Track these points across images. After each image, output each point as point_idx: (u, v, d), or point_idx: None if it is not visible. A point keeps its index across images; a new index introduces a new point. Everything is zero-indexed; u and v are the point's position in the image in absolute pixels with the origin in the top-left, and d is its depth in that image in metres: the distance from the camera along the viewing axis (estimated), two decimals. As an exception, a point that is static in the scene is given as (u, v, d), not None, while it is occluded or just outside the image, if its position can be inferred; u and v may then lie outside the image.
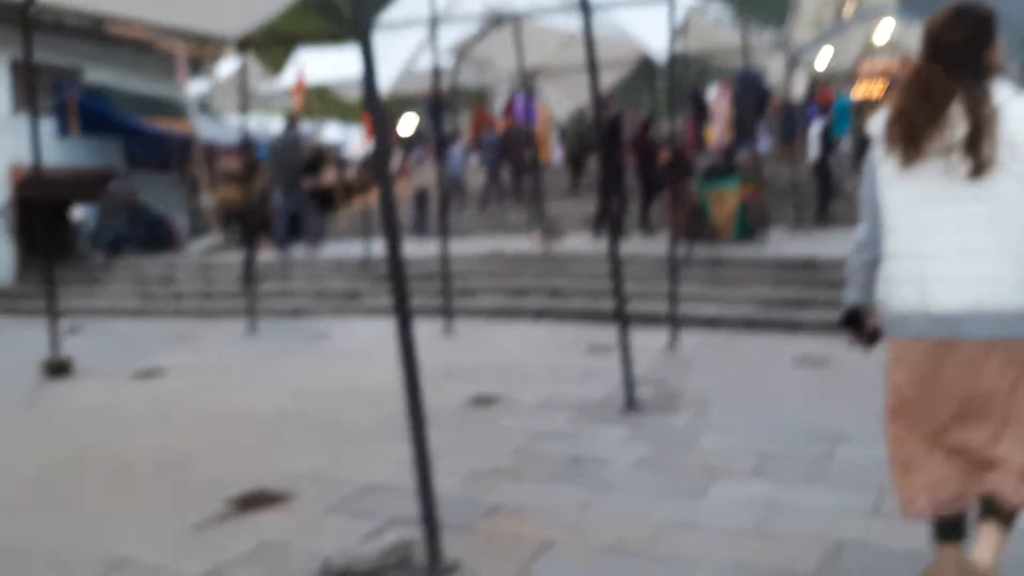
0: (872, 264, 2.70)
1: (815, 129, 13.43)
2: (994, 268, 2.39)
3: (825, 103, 19.25)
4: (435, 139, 20.40)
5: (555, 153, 20.38)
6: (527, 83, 16.60)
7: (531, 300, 9.78)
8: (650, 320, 8.65)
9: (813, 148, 13.36)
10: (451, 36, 10.68)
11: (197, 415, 6.02)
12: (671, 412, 5.55)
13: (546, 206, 16.92)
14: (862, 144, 13.08)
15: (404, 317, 3.40)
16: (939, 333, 2.46)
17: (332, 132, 22.10)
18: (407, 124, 20.75)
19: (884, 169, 2.54)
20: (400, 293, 3.39)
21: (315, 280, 11.39)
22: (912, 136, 2.43)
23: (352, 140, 22.43)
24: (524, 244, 11.88)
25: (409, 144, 21.00)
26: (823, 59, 35.63)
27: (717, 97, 18.02)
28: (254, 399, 6.36)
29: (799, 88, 17.54)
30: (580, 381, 6.56)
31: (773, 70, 12.70)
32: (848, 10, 42.67)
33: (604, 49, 10.77)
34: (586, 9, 5.52)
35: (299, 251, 13.08)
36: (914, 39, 33.06)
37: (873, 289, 2.74)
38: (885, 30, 35.48)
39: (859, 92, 22.85)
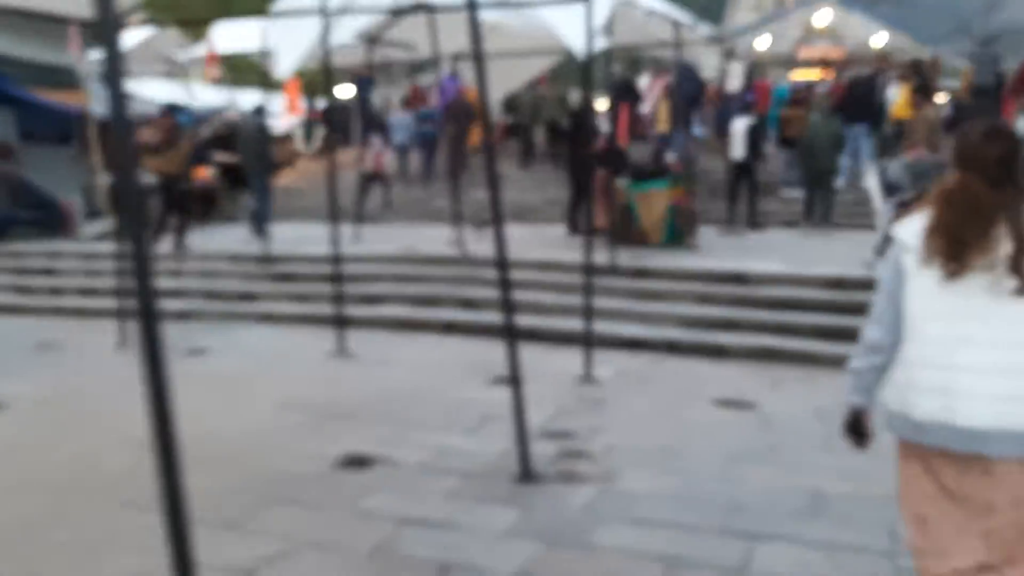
0: (881, 368, 2.63)
1: (740, 124, 12.64)
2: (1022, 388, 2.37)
3: (762, 93, 18.53)
4: (363, 116, 19.40)
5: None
6: (453, 66, 15.62)
7: (442, 311, 8.87)
8: (568, 340, 7.83)
9: (737, 146, 12.61)
10: (358, 23, 9.63)
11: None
12: (572, 483, 4.71)
13: (475, 193, 16.18)
14: (786, 139, 12.41)
15: (154, 362, 2.46)
16: (962, 446, 2.43)
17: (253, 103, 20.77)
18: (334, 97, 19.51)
19: (917, 278, 2.50)
20: (149, 331, 2.44)
21: (208, 278, 10.29)
22: (958, 251, 2.40)
23: (274, 112, 21.08)
24: (442, 242, 10.92)
25: (335, 120, 19.77)
26: (762, 43, 34.98)
27: (649, 86, 17.19)
28: (80, 453, 5.26)
29: (736, 79, 16.82)
30: (476, 429, 5.69)
31: (708, 64, 11.93)
32: (788, -4, 42.35)
33: (528, 39, 9.92)
34: (472, 7, 4.64)
35: (200, 240, 11.91)
36: (851, 27, 32.77)
37: (875, 392, 2.68)
38: (824, 17, 34.88)
39: (800, 75, 22.29)
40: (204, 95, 20.63)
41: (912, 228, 2.54)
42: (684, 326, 8.05)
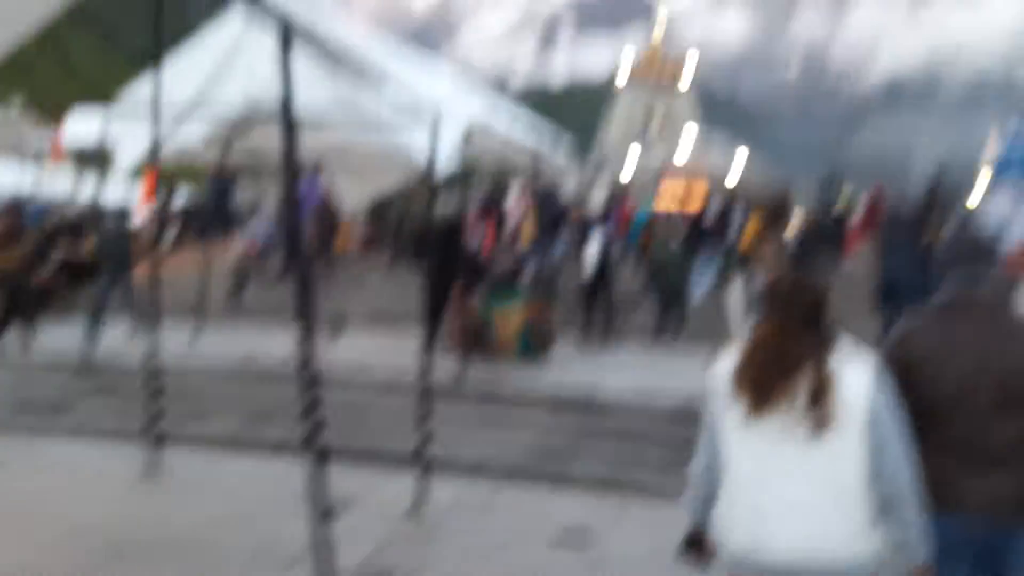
0: (705, 499, 2.71)
1: (593, 246, 12.76)
2: (826, 524, 2.47)
3: (624, 216, 18.95)
4: (219, 217, 18.70)
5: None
6: (316, 167, 15.27)
7: (276, 428, 8.20)
8: (406, 464, 7.30)
9: (589, 263, 12.69)
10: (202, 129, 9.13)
11: None
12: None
13: (336, 296, 15.65)
14: (650, 261, 12.59)
15: None
16: None
17: (112, 193, 19.81)
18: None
19: (727, 416, 2.61)
20: None
21: (22, 385, 9.31)
22: (763, 388, 2.52)
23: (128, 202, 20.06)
24: (289, 350, 10.25)
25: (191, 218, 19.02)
26: (627, 171, 36.45)
27: (515, 200, 17.34)
28: None
29: (598, 199, 17.20)
30: (285, 570, 5.07)
31: (570, 183, 12.07)
32: (654, 128, 44.67)
33: (386, 157, 9.69)
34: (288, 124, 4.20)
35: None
36: (713, 159, 34.41)
37: (709, 517, 2.72)
38: (686, 150, 36.66)
39: (661, 204, 23.12)
40: (54, 183, 19.56)
41: (722, 369, 2.66)
42: (529, 450, 7.68)
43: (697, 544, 2.78)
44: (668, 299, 12.30)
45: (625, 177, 25.66)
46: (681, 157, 27.71)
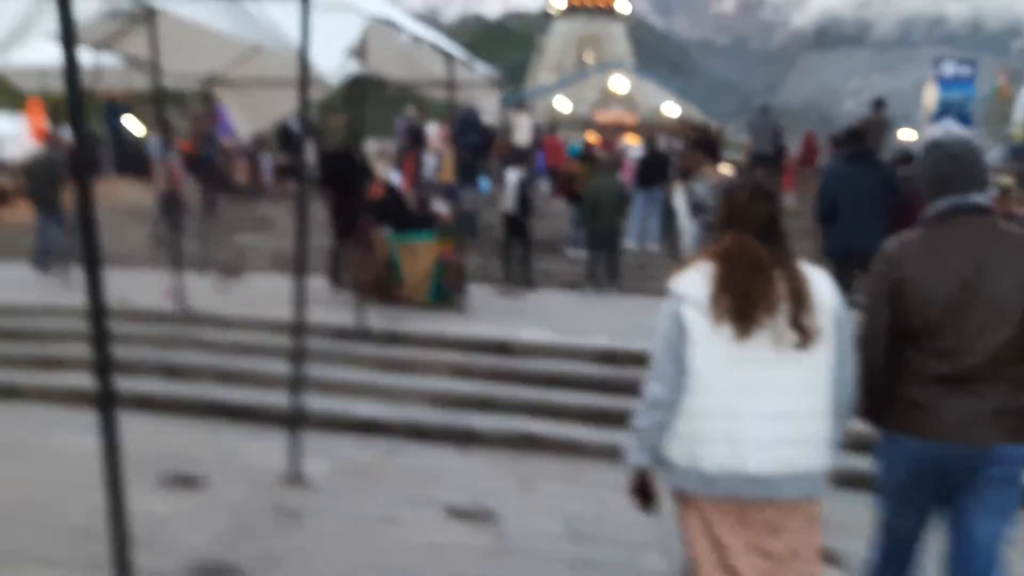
0: (665, 426, 2.55)
1: (512, 176, 11.80)
2: (807, 430, 2.47)
3: (552, 150, 17.99)
4: (114, 147, 17.16)
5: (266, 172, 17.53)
6: (206, 92, 13.87)
7: (137, 381, 7.12)
8: (288, 422, 6.35)
9: (509, 199, 11.73)
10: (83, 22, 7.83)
11: None
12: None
13: (242, 237, 14.42)
14: (585, 196, 11.65)
15: None
16: (752, 493, 2.47)
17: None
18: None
19: (702, 333, 2.48)
20: None
21: None
22: (747, 309, 2.45)
23: (16, 137, 18.37)
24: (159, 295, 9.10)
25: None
26: (561, 104, 35.29)
27: (438, 134, 16.19)
28: None
29: (523, 132, 16.13)
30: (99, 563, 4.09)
31: (488, 108, 11.02)
32: (589, 59, 43.33)
33: (288, 65, 8.49)
34: None
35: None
36: (645, 96, 33.44)
37: (659, 450, 2.59)
38: (621, 83, 35.59)
39: (591, 138, 22.09)
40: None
41: (692, 282, 2.53)
42: (433, 404, 6.77)
43: (644, 487, 2.66)
44: (601, 241, 11.37)
45: (557, 108, 24.52)
46: (617, 87, 26.59)
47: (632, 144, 20.58)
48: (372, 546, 4.38)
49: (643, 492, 2.66)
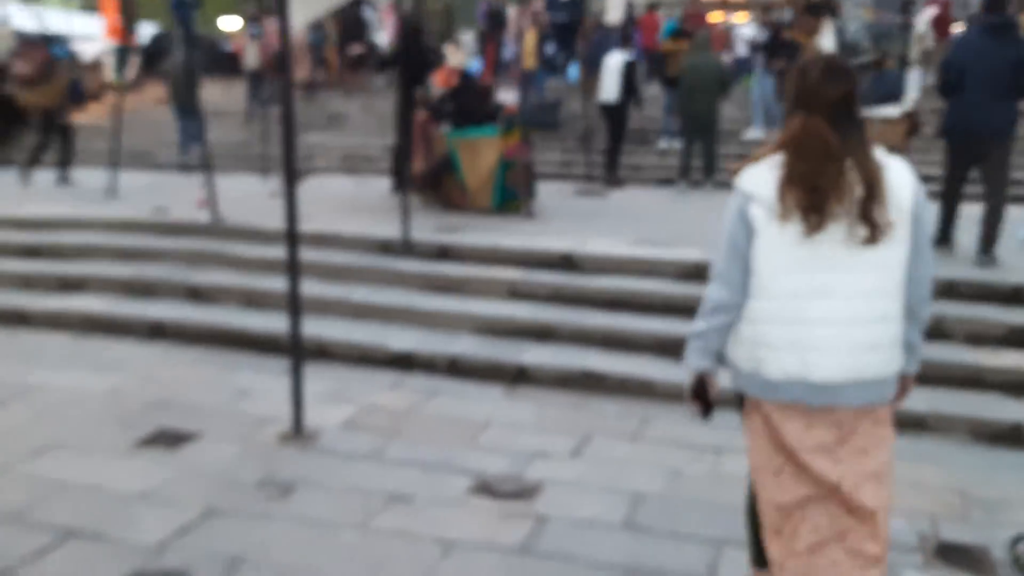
0: (727, 328, 2.39)
1: (614, 60, 10.34)
2: (876, 335, 2.27)
3: (648, 29, 16.06)
4: (185, 43, 16.30)
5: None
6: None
7: (154, 305, 6.30)
8: (318, 354, 5.44)
9: (611, 86, 10.29)
10: None
11: None
12: None
13: (308, 136, 13.49)
14: (679, 79, 10.12)
15: None
16: (817, 400, 2.30)
17: (53, 20, 17.46)
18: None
19: (770, 231, 2.26)
20: None
21: None
22: (818, 202, 2.19)
23: (82, 35, 17.71)
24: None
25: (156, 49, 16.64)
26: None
27: (518, 15, 14.62)
28: None
29: (616, 9, 14.36)
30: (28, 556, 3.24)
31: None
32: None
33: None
34: None
35: None
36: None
37: (721, 353, 2.45)
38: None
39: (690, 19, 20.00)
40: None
41: (759, 178, 2.29)
42: (482, 333, 5.71)
43: (703, 392, 2.46)
44: (696, 129, 9.87)
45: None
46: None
47: (741, 22, 18.50)
48: (359, 546, 3.40)
49: (702, 397, 2.47)
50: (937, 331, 5.23)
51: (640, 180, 10.95)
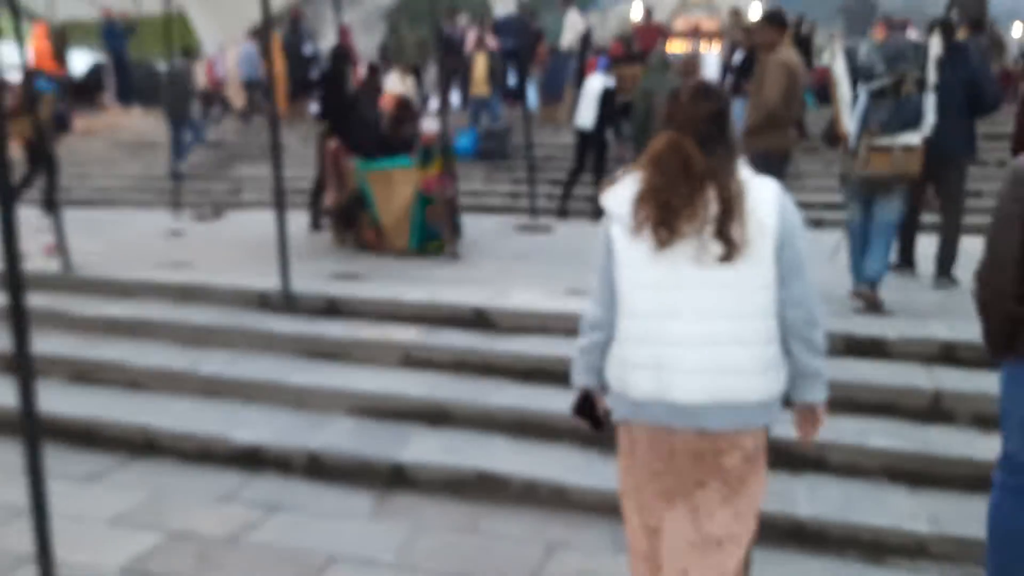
0: (603, 346, 2.32)
1: (595, 83, 9.17)
2: (735, 358, 2.15)
3: (647, 39, 14.62)
4: (116, 72, 15.08)
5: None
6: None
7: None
8: (144, 449, 4.13)
9: (587, 111, 9.12)
10: None
11: None
12: None
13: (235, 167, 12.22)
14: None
15: None
16: (679, 421, 2.18)
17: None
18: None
19: (626, 249, 2.20)
20: None
21: None
22: (667, 217, 2.13)
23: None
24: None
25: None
26: (636, 12, 31.80)
27: (470, 40, 13.40)
28: None
29: (571, 32, 13.18)
30: None
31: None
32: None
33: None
34: None
35: None
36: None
37: (602, 371, 2.35)
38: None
39: (673, 47, 18.95)
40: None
41: (619, 195, 2.24)
42: (360, 416, 4.40)
43: (588, 407, 2.41)
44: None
45: (633, 16, 21.63)
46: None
47: (707, 51, 17.43)
48: None
49: (587, 415, 2.42)
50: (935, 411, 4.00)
51: (596, 213, 9.70)
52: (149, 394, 4.66)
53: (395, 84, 11.98)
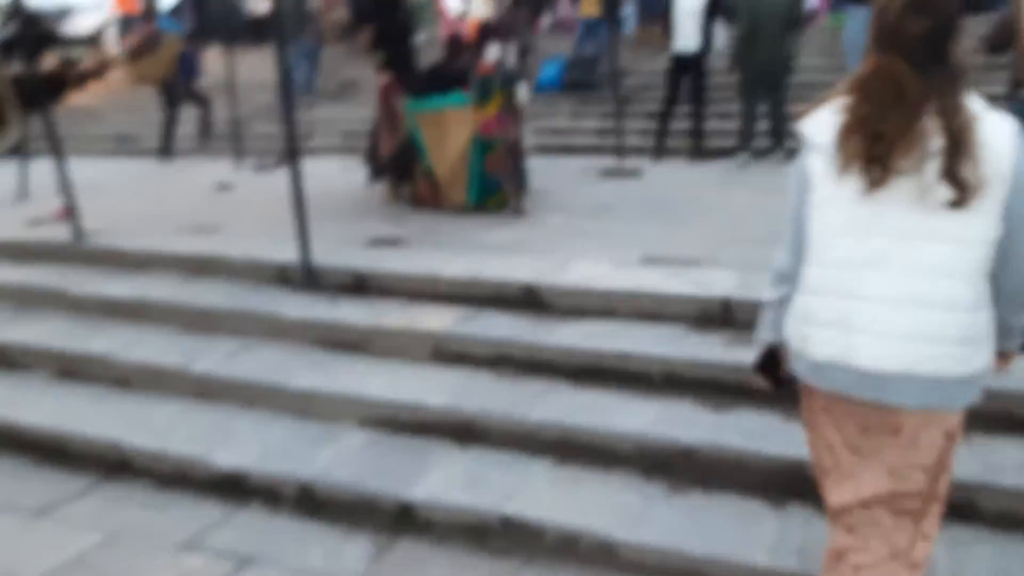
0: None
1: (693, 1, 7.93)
2: (940, 323, 1.80)
3: None
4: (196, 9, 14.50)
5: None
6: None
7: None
8: (116, 470, 3.43)
9: (689, 30, 7.89)
10: None
11: None
12: None
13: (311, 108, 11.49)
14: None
15: None
16: (862, 391, 1.87)
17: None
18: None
19: (826, 186, 1.87)
20: None
21: None
22: (879, 152, 1.78)
23: (78, 9, 15.95)
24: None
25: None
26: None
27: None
28: None
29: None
30: None
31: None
32: None
33: None
34: None
35: None
36: None
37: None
38: None
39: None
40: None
41: (821, 123, 1.90)
42: (373, 427, 3.55)
43: (773, 364, 2.12)
44: (760, 83, 7.39)
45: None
46: None
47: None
48: None
49: (769, 370, 2.12)
50: None
51: (696, 151, 8.46)
52: (135, 396, 3.94)
53: (479, 6, 10.94)
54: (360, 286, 4.46)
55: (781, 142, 7.59)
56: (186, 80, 10.37)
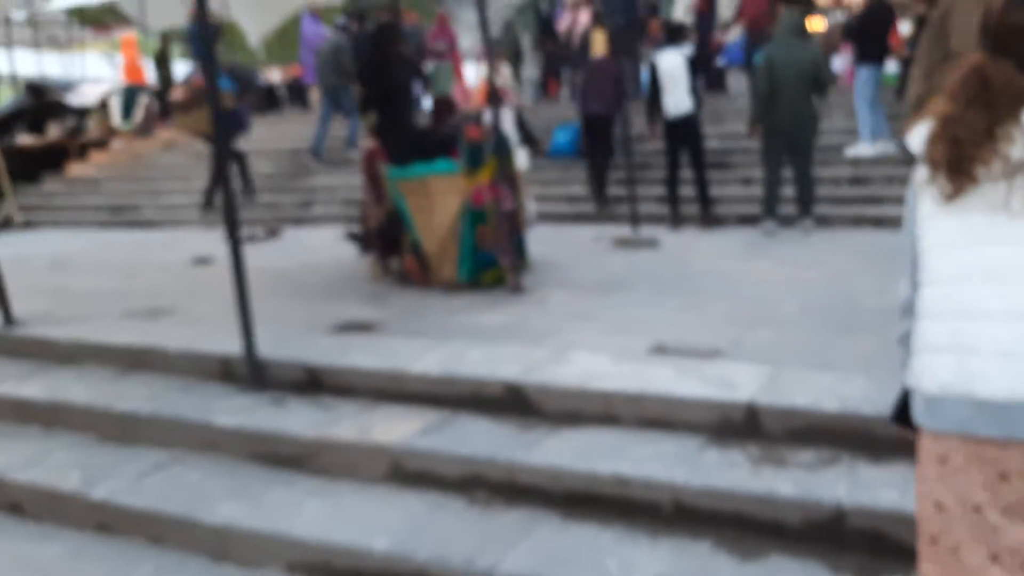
0: None
1: (669, 61, 7.30)
2: None
3: (755, 21, 12.25)
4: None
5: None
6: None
7: None
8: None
9: (679, 94, 7.25)
10: None
11: None
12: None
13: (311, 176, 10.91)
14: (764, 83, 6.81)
15: None
16: (988, 429, 1.50)
17: (51, 67, 15.72)
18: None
19: (926, 198, 1.66)
20: None
21: None
22: (958, 156, 1.58)
23: (86, 80, 15.72)
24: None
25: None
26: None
27: (570, 20, 11.53)
28: None
29: (682, 5, 11.07)
30: None
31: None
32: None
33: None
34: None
35: None
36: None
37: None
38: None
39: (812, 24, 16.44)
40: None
41: (919, 132, 1.70)
42: (301, 575, 2.73)
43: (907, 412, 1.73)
44: (784, 146, 6.69)
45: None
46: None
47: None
48: None
49: (906, 418, 1.74)
50: None
51: (705, 219, 7.71)
52: (28, 528, 3.17)
53: (503, 74, 10.45)
54: (313, 383, 3.70)
55: (808, 209, 6.82)
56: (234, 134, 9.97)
